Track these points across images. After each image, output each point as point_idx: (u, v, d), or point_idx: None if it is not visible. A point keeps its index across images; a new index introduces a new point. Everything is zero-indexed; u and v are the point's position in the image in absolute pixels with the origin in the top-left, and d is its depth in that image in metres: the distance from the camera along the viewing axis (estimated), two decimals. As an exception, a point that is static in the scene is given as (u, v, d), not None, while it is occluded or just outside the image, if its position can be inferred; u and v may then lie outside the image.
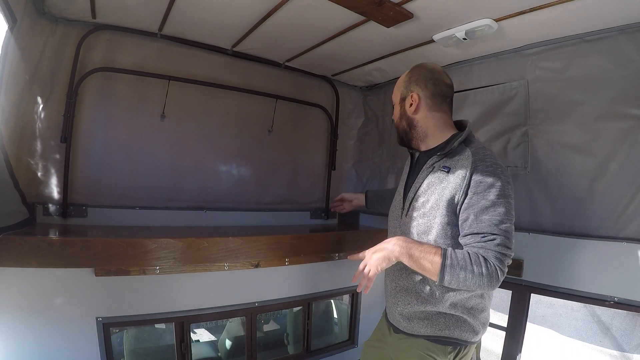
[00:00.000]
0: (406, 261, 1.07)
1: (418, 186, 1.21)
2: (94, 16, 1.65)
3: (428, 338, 1.19)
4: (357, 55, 2.03)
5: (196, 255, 1.50)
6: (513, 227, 1.06)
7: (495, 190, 1.04)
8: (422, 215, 1.17)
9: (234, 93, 2.12)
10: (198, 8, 1.58)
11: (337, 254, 2.07)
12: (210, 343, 2.27)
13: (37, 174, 1.65)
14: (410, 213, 1.21)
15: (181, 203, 2.00)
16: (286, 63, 2.24)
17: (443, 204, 1.11)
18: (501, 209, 1.03)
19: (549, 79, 1.68)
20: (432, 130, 1.23)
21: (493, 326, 1.89)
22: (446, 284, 1.03)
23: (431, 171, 1.19)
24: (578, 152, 1.59)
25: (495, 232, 1.01)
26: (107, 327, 1.55)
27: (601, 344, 4.66)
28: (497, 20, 1.48)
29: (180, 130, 1.99)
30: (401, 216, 1.27)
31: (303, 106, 2.40)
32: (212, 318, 1.93)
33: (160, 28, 1.80)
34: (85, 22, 1.69)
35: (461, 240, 1.09)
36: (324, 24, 1.66)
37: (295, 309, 2.26)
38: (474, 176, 1.07)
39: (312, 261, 2.03)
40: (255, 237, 1.67)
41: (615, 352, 4.53)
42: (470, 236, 1.05)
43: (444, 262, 1.01)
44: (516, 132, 1.80)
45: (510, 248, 1.03)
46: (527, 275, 1.71)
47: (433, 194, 1.15)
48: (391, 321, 1.32)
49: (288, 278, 2.05)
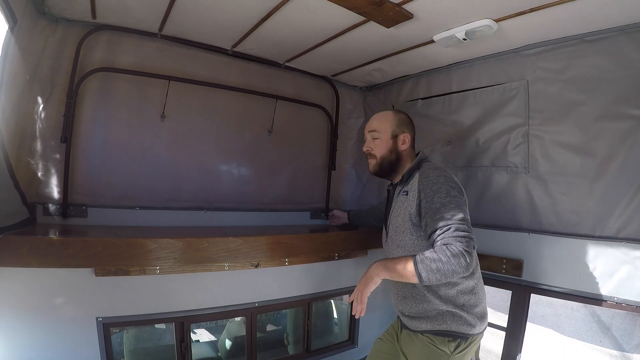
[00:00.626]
0: (387, 275, 1.25)
1: (390, 211, 1.48)
2: (94, 16, 1.65)
3: (429, 332, 1.35)
4: (357, 55, 2.03)
5: (196, 255, 1.50)
6: (468, 217, 1.21)
7: (441, 194, 1.24)
8: (396, 234, 1.41)
9: (234, 93, 2.12)
10: (198, 8, 1.58)
11: (337, 254, 2.07)
12: (210, 343, 2.27)
13: (37, 174, 1.65)
14: (390, 235, 1.46)
15: (181, 203, 2.00)
16: (286, 63, 2.24)
17: (407, 222, 1.34)
18: (450, 206, 1.21)
19: (549, 79, 1.68)
20: (407, 163, 1.48)
21: (493, 326, 1.89)
22: (426, 281, 1.14)
23: (397, 198, 1.45)
24: (578, 152, 1.59)
25: (449, 223, 1.17)
26: (107, 327, 1.55)
27: (601, 344, 4.65)
28: (497, 20, 1.48)
29: (180, 130, 1.99)
30: (385, 240, 1.51)
31: (303, 106, 2.40)
32: (212, 318, 1.93)
33: (160, 28, 1.80)
34: (85, 22, 1.69)
35: (428, 243, 1.25)
36: (324, 24, 1.66)
37: (295, 309, 2.26)
38: (422, 191, 1.30)
39: (312, 261, 2.03)
40: (255, 237, 1.67)
41: (615, 352, 4.52)
42: (432, 235, 1.21)
43: (415, 262, 1.15)
44: (516, 132, 1.80)
45: (467, 232, 1.16)
46: (527, 275, 1.71)
47: (399, 215, 1.40)
48: (403, 322, 1.50)
49: (288, 278, 2.05)
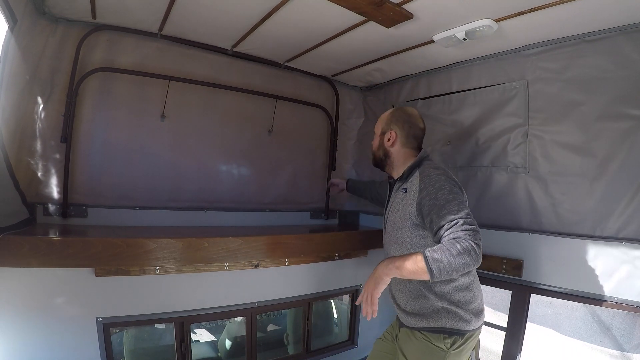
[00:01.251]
0: (397, 274, 1.21)
1: (389, 208, 1.49)
2: (94, 16, 1.65)
3: (425, 329, 1.35)
4: (357, 55, 2.03)
5: (196, 255, 1.51)
6: (470, 213, 1.21)
7: (444, 191, 1.25)
8: (394, 230, 1.42)
9: (234, 93, 2.12)
10: (198, 8, 1.58)
11: (337, 254, 2.07)
12: (210, 343, 2.27)
13: (37, 174, 1.65)
14: (387, 230, 1.48)
15: (181, 203, 2.01)
16: (286, 63, 2.24)
17: (406, 219, 1.35)
18: (454, 203, 1.22)
19: (549, 79, 1.68)
20: (401, 161, 1.49)
21: (493, 326, 1.89)
22: (437, 276, 1.11)
23: (396, 195, 1.46)
24: (578, 152, 1.59)
25: (456, 218, 1.17)
26: (107, 327, 1.55)
27: (601, 344, 4.65)
28: (497, 20, 1.48)
29: (180, 130, 1.99)
30: (384, 234, 1.53)
31: (303, 106, 2.40)
32: (212, 318, 1.93)
33: (160, 28, 1.80)
34: (85, 22, 1.69)
35: (434, 238, 1.24)
36: (324, 24, 1.66)
37: (295, 309, 2.26)
38: (423, 189, 1.30)
39: (312, 261, 2.03)
40: (255, 237, 1.67)
41: (615, 352, 4.52)
42: (439, 232, 1.20)
43: (426, 258, 1.12)
44: (516, 132, 1.80)
45: (474, 225, 1.17)
46: (527, 275, 1.71)
47: (397, 212, 1.41)
48: (400, 319, 1.50)
49: (288, 278, 2.05)
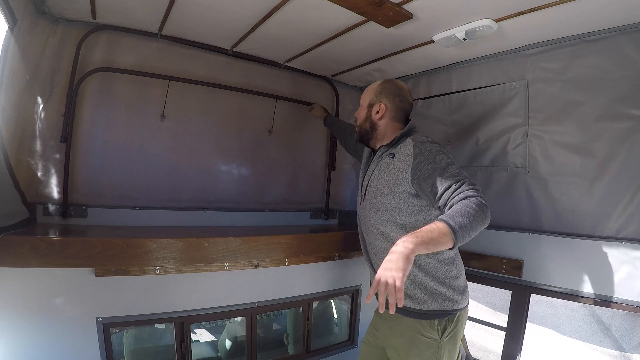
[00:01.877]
0: (424, 249, 1.03)
1: (370, 174, 1.44)
2: (94, 16, 1.65)
3: (412, 314, 1.29)
4: (357, 55, 2.03)
5: (196, 255, 1.50)
6: None
7: (442, 155, 1.22)
8: (376, 197, 1.37)
9: (234, 93, 2.12)
10: (198, 8, 1.58)
11: (337, 254, 2.07)
12: (210, 343, 2.27)
13: (37, 174, 1.65)
14: (367, 197, 1.43)
15: (181, 203, 2.00)
16: (286, 63, 2.24)
17: (395, 185, 1.30)
18: (455, 166, 1.20)
19: (549, 79, 1.68)
20: (388, 134, 1.45)
21: (493, 326, 1.89)
22: (460, 241, 1.03)
23: (380, 160, 1.41)
24: (578, 152, 1.59)
25: (461, 178, 1.16)
26: (107, 327, 1.55)
27: (601, 344, 4.66)
28: (497, 20, 1.48)
29: (180, 130, 1.99)
30: (361, 202, 1.49)
31: (303, 106, 2.40)
32: (212, 318, 1.93)
33: (160, 28, 1.80)
34: (85, 22, 1.69)
35: (438, 203, 1.17)
36: (324, 24, 1.66)
37: (295, 309, 2.26)
38: (419, 154, 1.25)
39: (312, 261, 2.03)
40: (255, 237, 1.67)
41: (615, 352, 4.53)
42: (445, 193, 1.14)
43: (448, 224, 1.02)
44: (516, 132, 1.80)
45: (476, 184, 1.16)
46: (527, 275, 1.71)
47: (381, 177, 1.36)
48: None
49: (288, 278, 2.05)
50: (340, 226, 2.55)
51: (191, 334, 1.82)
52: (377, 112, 1.44)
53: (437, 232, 1.01)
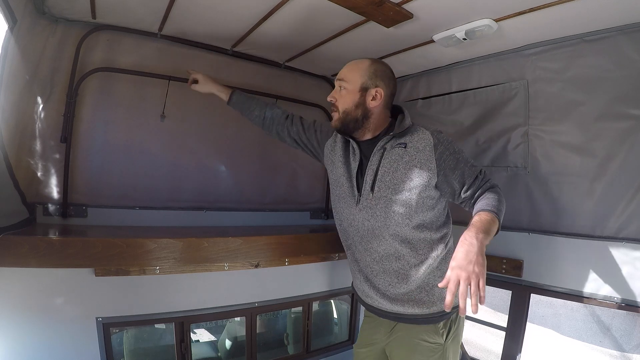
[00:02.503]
0: (488, 240, 1.03)
1: (376, 167, 1.23)
2: (94, 16, 1.65)
3: (417, 320, 1.23)
4: (357, 55, 2.00)
5: (196, 255, 1.50)
6: None
7: (459, 146, 1.25)
8: (394, 191, 1.20)
9: (234, 93, 2.12)
10: (198, 8, 1.58)
11: (337, 254, 2.07)
12: (210, 343, 2.27)
13: (37, 174, 1.65)
14: (377, 194, 1.21)
15: (181, 203, 2.00)
16: (286, 63, 2.24)
17: (416, 176, 1.18)
18: (469, 157, 1.25)
19: (549, 79, 1.68)
20: (381, 122, 1.30)
21: (493, 326, 1.89)
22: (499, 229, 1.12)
23: (384, 152, 1.24)
24: (578, 152, 1.59)
25: (480, 169, 1.22)
26: (107, 327, 1.55)
27: (601, 344, 4.65)
28: (497, 20, 1.48)
29: (180, 130, 1.99)
30: (357, 203, 1.26)
31: (303, 106, 2.40)
32: (212, 318, 1.93)
33: (160, 28, 1.80)
34: (85, 22, 1.69)
35: (467, 193, 1.19)
36: (324, 24, 1.66)
37: (295, 309, 2.26)
38: (438, 144, 1.19)
39: (312, 261, 2.03)
40: (255, 237, 1.67)
41: (615, 352, 4.53)
42: (472, 185, 1.19)
43: (497, 214, 1.11)
44: (516, 132, 1.80)
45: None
46: (527, 275, 1.71)
47: (398, 170, 1.20)
48: (371, 304, 1.32)
49: (288, 278, 2.05)
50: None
51: (191, 334, 1.82)
52: (374, 99, 1.24)
53: (490, 219, 1.06)
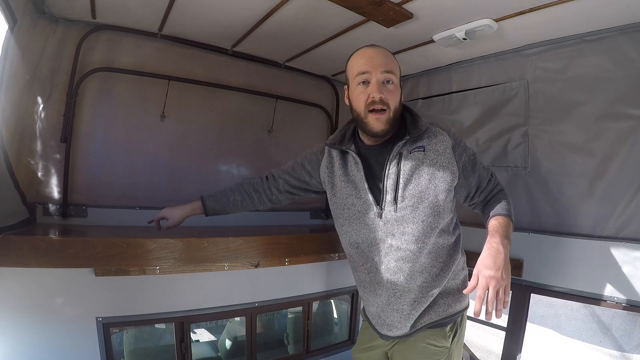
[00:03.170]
0: (509, 245, 1.07)
1: (396, 177, 1.09)
2: (94, 16, 1.65)
3: (429, 325, 1.15)
4: (357, 55, 2.03)
5: (196, 255, 1.50)
6: None
7: (472, 148, 1.23)
8: (422, 200, 1.08)
9: (234, 93, 2.12)
10: (198, 8, 1.58)
11: (337, 254, 2.07)
12: (210, 343, 2.27)
13: (37, 174, 1.65)
14: (402, 204, 1.08)
15: (181, 203, 2.00)
16: (286, 63, 2.24)
17: (440, 181, 1.08)
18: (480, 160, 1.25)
19: (549, 79, 1.68)
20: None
21: (493, 326, 1.88)
22: None
23: (400, 158, 1.10)
24: (578, 152, 1.59)
25: (489, 170, 1.26)
26: (107, 327, 1.55)
27: (601, 344, 4.65)
28: (497, 20, 1.48)
29: (180, 130, 1.99)
30: (380, 216, 1.11)
31: (303, 106, 2.40)
32: (212, 318, 1.93)
33: (160, 28, 1.80)
34: (85, 22, 1.69)
35: (481, 195, 1.23)
36: (324, 24, 1.66)
37: (295, 309, 2.26)
38: (456, 145, 1.14)
39: (312, 261, 2.02)
40: (255, 237, 1.67)
41: (615, 352, 4.52)
42: (487, 187, 1.22)
43: (511, 218, 1.16)
44: (516, 132, 1.80)
45: None
46: (527, 275, 1.71)
47: (422, 176, 1.08)
48: (389, 334, 1.19)
49: (288, 278, 2.05)
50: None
51: (191, 334, 1.82)
52: (401, 93, 1.16)
53: (508, 224, 1.12)
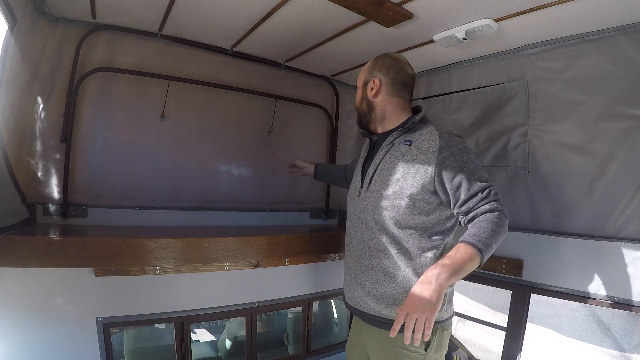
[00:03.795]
0: (455, 280, 1.02)
1: (379, 162, 1.24)
2: (94, 16, 1.65)
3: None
4: (357, 55, 2.03)
5: (196, 255, 1.50)
6: None
7: (471, 155, 1.15)
8: (386, 187, 1.19)
9: (234, 93, 2.12)
10: (198, 8, 1.58)
11: (337, 254, 2.07)
12: (210, 343, 2.27)
13: (37, 174, 1.65)
14: (372, 187, 1.23)
15: (181, 203, 2.00)
16: (286, 63, 2.24)
17: (414, 178, 1.15)
18: (482, 169, 1.15)
19: (549, 79, 1.68)
20: (390, 113, 1.29)
21: (493, 326, 1.89)
22: (485, 260, 1.03)
23: (391, 147, 1.24)
24: (578, 152, 1.59)
25: (487, 186, 1.11)
26: (107, 327, 1.55)
27: (601, 344, 4.65)
28: (497, 20, 1.48)
29: (180, 130, 1.99)
30: (359, 194, 1.29)
31: (303, 106, 2.40)
32: (212, 318, 1.93)
33: (160, 28, 1.80)
34: (85, 22, 1.69)
35: (460, 208, 1.12)
36: (324, 24, 1.66)
37: (295, 309, 2.26)
38: (445, 148, 1.13)
39: (312, 261, 2.03)
40: (255, 237, 1.67)
41: (615, 352, 4.52)
42: (470, 200, 1.10)
43: (478, 247, 1.01)
44: (516, 132, 1.80)
45: (498, 192, 1.13)
46: (527, 275, 1.71)
47: (396, 166, 1.19)
48: (355, 306, 1.27)
49: (288, 278, 2.05)
50: (340, 226, 2.54)
51: (191, 334, 1.82)
52: (372, 89, 1.29)
53: (467, 258, 0.99)
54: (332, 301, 2.50)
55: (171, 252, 1.44)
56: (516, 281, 1.74)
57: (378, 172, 1.23)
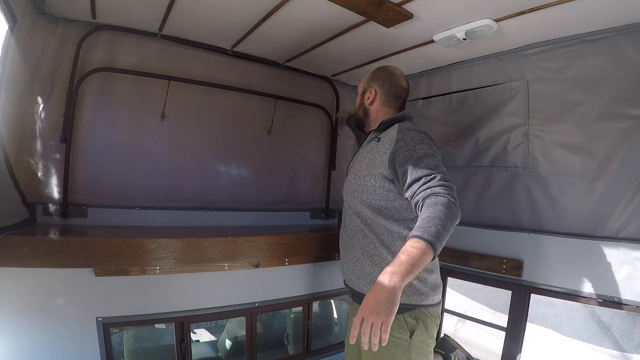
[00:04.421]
0: (410, 278, 0.97)
1: (356, 157, 1.47)
2: (94, 16, 1.65)
3: None
4: (357, 55, 2.03)
5: (196, 255, 1.50)
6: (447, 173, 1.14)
7: (423, 145, 1.20)
8: (355, 177, 1.39)
9: (234, 93, 2.12)
10: (198, 8, 1.58)
11: (337, 254, 2.07)
12: (210, 343, 2.27)
13: (37, 174, 1.65)
14: (349, 177, 1.46)
15: (181, 203, 2.00)
16: (286, 63, 2.24)
17: (374, 167, 1.30)
18: (433, 158, 1.17)
19: (549, 79, 1.68)
20: (380, 119, 1.44)
21: (493, 326, 1.89)
22: (439, 250, 1.00)
23: (367, 144, 1.43)
24: (578, 152, 1.59)
25: (434, 173, 1.11)
26: (107, 327, 1.55)
27: (601, 344, 4.65)
28: (497, 20, 1.48)
29: (180, 130, 1.99)
30: (345, 182, 1.50)
31: (303, 106, 2.40)
32: (212, 318, 1.93)
33: (160, 28, 1.80)
34: (85, 22, 1.69)
35: (406, 192, 1.17)
36: (324, 24, 1.66)
37: (295, 309, 2.26)
38: (400, 139, 1.24)
39: (312, 261, 2.03)
40: (255, 237, 1.67)
41: (615, 352, 4.52)
42: (414, 184, 1.13)
43: (426, 239, 0.98)
44: (516, 132, 1.80)
45: (451, 183, 1.10)
46: (527, 275, 1.71)
47: (364, 159, 1.38)
48: (348, 284, 1.45)
49: (288, 278, 2.05)
50: (340, 226, 2.55)
51: (191, 334, 1.82)
52: (369, 98, 1.46)
53: (419, 253, 0.97)
54: (332, 301, 2.50)
55: (171, 252, 1.44)
56: (516, 281, 1.74)
57: (353, 164, 1.47)
